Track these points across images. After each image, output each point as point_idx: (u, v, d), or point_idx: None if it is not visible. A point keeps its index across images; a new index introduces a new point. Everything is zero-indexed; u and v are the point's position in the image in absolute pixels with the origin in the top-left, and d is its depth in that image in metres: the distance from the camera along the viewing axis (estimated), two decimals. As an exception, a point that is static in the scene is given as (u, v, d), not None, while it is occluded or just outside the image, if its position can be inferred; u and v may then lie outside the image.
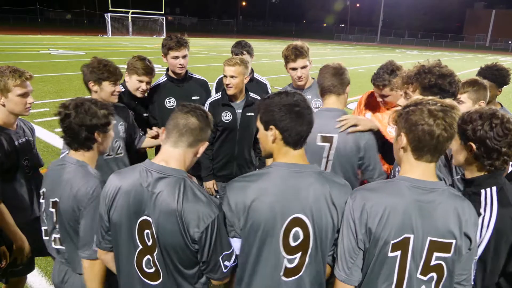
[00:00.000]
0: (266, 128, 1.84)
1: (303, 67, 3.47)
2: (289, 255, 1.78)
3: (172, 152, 1.81)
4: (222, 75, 3.82)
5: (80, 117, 2.03)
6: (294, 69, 3.49)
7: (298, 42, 3.48)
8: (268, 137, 1.84)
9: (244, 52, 4.18)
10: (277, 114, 1.78)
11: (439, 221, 1.67)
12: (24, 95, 2.64)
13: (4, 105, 2.61)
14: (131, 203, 1.77)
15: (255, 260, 1.81)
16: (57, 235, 2.21)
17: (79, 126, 2.04)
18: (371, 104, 3.45)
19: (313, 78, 3.67)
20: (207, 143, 1.90)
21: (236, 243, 1.85)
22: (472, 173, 2.01)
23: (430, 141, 1.65)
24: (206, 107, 3.63)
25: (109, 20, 43.48)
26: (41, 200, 2.28)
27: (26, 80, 2.65)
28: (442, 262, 1.70)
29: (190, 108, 1.83)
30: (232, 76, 3.40)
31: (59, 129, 2.34)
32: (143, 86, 3.38)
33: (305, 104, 1.82)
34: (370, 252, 1.72)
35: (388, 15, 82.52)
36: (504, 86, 3.60)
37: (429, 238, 1.67)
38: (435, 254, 1.69)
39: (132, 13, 46.05)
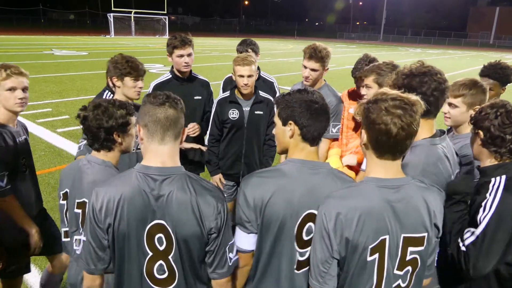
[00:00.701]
0: (285, 124, 1.87)
1: (313, 70, 3.44)
2: (301, 249, 1.85)
3: (162, 150, 1.75)
4: (230, 75, 3.80)
5: (97, 119, 2.03)
6: (305, 67, 3.47)
7: (321, 45, 3.44)
8: (286, 132, 1.87)
9: (249, 50, 4.15)
10: (297, 110, 1.83)
11: (411, 218, 1.69)
12: (12, 89, 2.62)
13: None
14: (137, 211, 1.72)
15: (269, 254, 1.87)
16: (80, 237, 2.16)
17: (97, 128, 2.04)
18: (353, 99, 3.57)
19: (324, 80, 3.65)
20: (185, 129, 1.85)
21: (252, 239, 1.89)
22: (484, 163, 2.12)
23: (388, 140, 1.62)
24: (214, 106, 3.69)
25: (111, 20, 43.61)
26: (62, 201, 2.24)
27: (14, 74, 2.63)
28: (417, 255, 1.74)
29: (162, 99, 1.74)
30: (249, 76, 3.43)
31: (61, 129, 2.37)
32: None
33: (324, 102, 1.86)
34: (349, 259, 1.70)
35: (391, 13, 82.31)
36: (508, 84, 3.57)
37: (402, 235, 1.69)
38: (410, 249, 1.71)
39: (135, 13, 46.17)
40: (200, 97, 3.86)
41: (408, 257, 1.72)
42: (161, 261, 1.76)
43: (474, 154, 2.22)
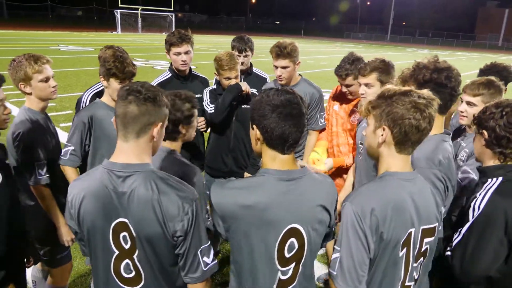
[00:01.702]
0: (252, 127, 1.74)
1: (283, 67, 3.39)
2: (283, 267, 1.70)
3: (125, 147, 1.66)
4: None
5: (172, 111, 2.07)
6: (275, 67, 3.43)
7: (286, 41, 3.39)
8: (252, 137, 1.76)
9: (248, 49, 4.07)
10: (259, 112, 1.65)
11: (427, 209, 1.71)
12: (46, 79, 2.69)
13: (31, 94, 2.69)
14: (100, 208, 1.66)
15: (249, 271, 1.73)
16: None
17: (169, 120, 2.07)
18: (338, 97, 3.59)
19: (300, 75, 3.61)
20: (161, 123, 1.70)
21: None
22: (486, 163, 2.10)
23: (416, 134, 1.63)
24: (205, 95, 3.62)
25: (118, 16, 43.69)
26: None
27: (44, 64, 2.68)
28: (428, 246, 1.76)
29: (129, 91, 1.63)
30: (236, 77, 3.40)
31: (63, 124, 2.37)
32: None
33: (295, 105, 1.64)
34: (380, 257, 1.65)
35: (399, 13, 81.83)
36: (509, 84, 3.51)
37: (421, 227, 1.69)
38: (425, 240, 1.73)
39: (142, 9, 46.22)
40: (200, 95, 3.73)
41: (423, 248, 1.73)
42: (127, 260, 1.71)
43: (476, 154, 2.18)
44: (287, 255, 1.69)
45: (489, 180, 2.01)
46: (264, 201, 1.64)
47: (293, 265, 1.72)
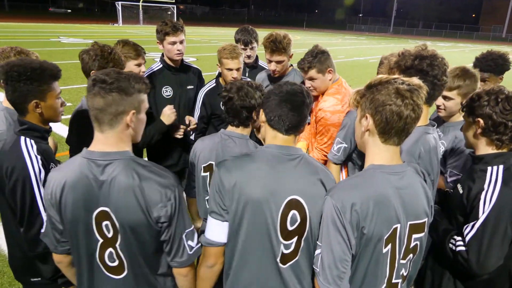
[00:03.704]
0: (259, 113, 1.90)
1: (278, 62, 3.30)
2: (286, 240, 1.72)
3: (102, 137, 1.64)
4: None
5: (241, 100, 2.22)
6: (269, 61, 3.35)
7: (279, 34, 3.28)
8: (260, 119, 1.88)
9: (253, 41, 3.94)
10: (266, 98, 1.84)
11: (415, 204, 1.65)
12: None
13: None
14: (80, 198, 1.63)
15: (244, 244, 1.75)
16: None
17: (241, 108, 2.22)
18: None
19: (291, 65, 3.53)
20: (133, 111, 1.65)
21: (225, 228, 1.78)
22: (481, 151, 2.06)
23: (398, 122, 1.55)
24: (201, 97, 3.44)
25: (119, 8, 43.51)
26: (203, 174, 2.38)
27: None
28: (418, 242, 1.71)
29: (95, 82, 1.60)
30: (238, 69, 3.22)
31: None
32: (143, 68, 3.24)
33: (299, 94, 1.79)
34: (362, 254, 1.60)
35: (402, 5, 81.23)
36: (506, 72, 3.47)
37: (409, 223, 1.64)
38: (413, 236, 1.68)
39: (143, 1, 45.98)
40: (192, 87, 3.66)
41: (412, 244, 1.68)
42: (110, 249, 1.69)
43: (469, 143, 2.14)
44: (289, 227, 1.72)
45: (489, 168, 1.97)
46: (262, 174, 1.72)
47: (295, 239, 1.73)
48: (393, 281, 1.69)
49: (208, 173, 2.36)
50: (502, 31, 69.02)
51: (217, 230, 1.78)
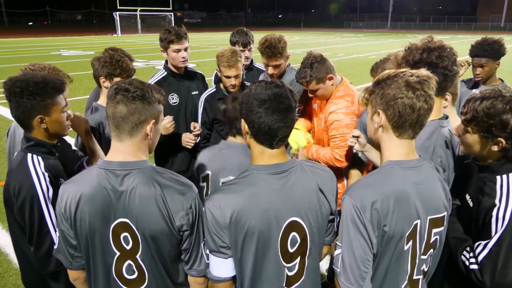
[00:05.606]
0: (240, 121, 1.69)
1: (276, 66, 3.31)
2: (288, 263, 1.66)
3: (120, 147, 1.62)
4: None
5: (235, 110, 2.16)
6: (266, 65, 3.35)
7: (274, 38, 3.24)
8: (243, 130, 1.69)
9: (251, 42, 3.97)
10: (247, 106, 1.60)
11: (434, 198, 1.62)
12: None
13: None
14: (98, 210, 1.60)
15: (253, 275, 1.65)
16: None
17: (234, 119, 2.19)
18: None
19: (288, 64, 3.54)
20: (153, 120, 1.65)
21: (231, 264, 1.64)
22: (485, 159, 1.90)
23: (412, 114, 1.52)
24: (201, 102, 3.43)
25: (117, 18, 43.66)
26: (202, 184, 2.28)
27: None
28: (438, 236, 1.67)
29: (117, 91, 1.58)
30: (236, 76, 3.17)
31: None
32: None
33: (283, 99, 1.58)
34: (384, 252, 1.57)
35: (399, 0, 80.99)
36: (502, 58, 3.56)
37: (428, 218, 1.61)
38: (433, 230, 1.64)
39: (141, 10, 46.18)
40: (197, 92, 3.68)
41: (432, 239, 1.65)
42: (129, 261, 1.66)
43: (472, 152, 1.94)
44: (290, 250, 1.65)
45: (498, 178, 1.82)
46: (257, 202, 1.58)
47: (298, 259, 1.67)
48: (414, 277, 1.66)
49: (205, 184, 2.29)
50: (500, 20, 68.65)
51: (222, 267, 1.65)
